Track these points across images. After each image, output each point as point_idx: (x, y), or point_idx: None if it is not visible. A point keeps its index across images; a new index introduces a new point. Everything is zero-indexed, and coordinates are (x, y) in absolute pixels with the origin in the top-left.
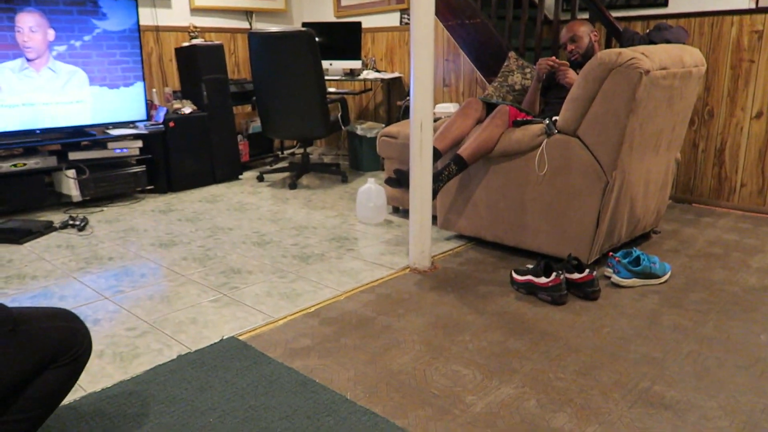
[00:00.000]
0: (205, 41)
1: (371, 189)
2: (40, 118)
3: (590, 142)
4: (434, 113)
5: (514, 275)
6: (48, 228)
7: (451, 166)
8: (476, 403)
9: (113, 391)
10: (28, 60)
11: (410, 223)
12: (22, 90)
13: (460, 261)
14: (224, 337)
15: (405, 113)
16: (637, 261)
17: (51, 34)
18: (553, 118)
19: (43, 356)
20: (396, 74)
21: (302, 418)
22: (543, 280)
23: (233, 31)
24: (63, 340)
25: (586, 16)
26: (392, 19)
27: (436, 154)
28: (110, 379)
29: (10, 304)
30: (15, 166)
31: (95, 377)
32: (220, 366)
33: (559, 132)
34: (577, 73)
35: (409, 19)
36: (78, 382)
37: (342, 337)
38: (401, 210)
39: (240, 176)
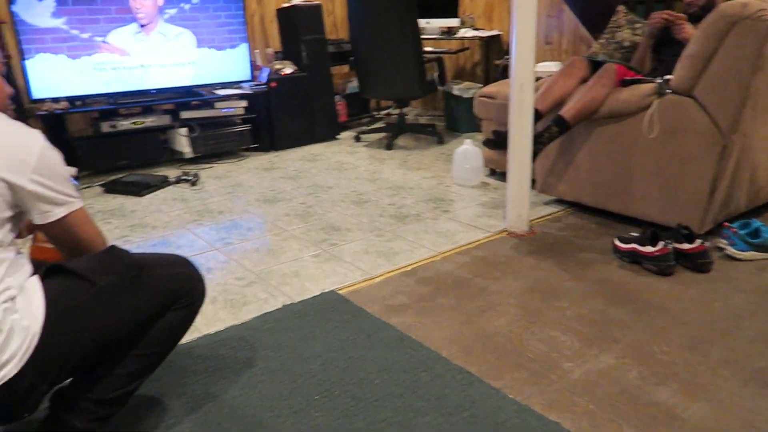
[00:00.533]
0: (305, 1)
1: (468, 150)
2: (155, 78)
3: (708, 103)
4: (535, 72)
5: (617, 243)
6: (164, 182)
7: (552, 127)
8: (573, 370)
9: (225, 335)
10: (141, 25)
11: (508, 186)
12: (138, 52)
13: (560, 226)
14: (325, 291)
15: (504, 73)
16: (756, 233)
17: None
18: (666, 77)
19: (164, 299)
20: (495, 32)
21: (399, 371)
22: (649, 249)
23: None
24: (181, 284)
25: None
26: None
27: (537, 115)
28: (222, 323)
29: (134, 251)
30: (134, 123)
31: (210, 321)
32: (321, 317)
33: (672, 92)
34: (695, 28)
35: None
36: (195, 324)
37: (438, 296)
38: (498, 172)
39: (338, 136)
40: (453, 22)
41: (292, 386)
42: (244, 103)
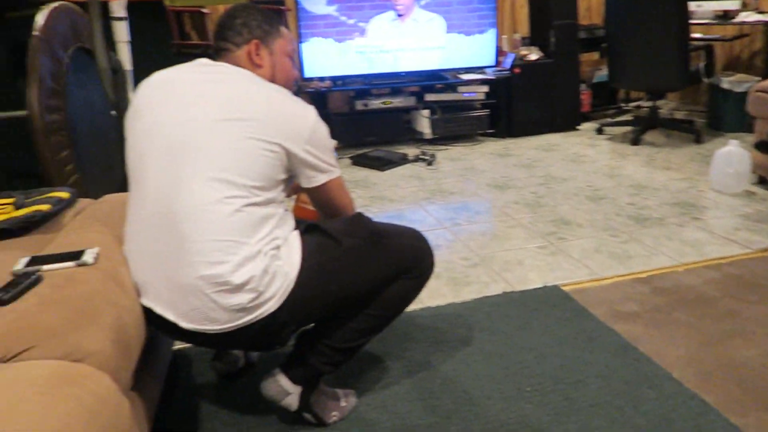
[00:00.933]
0: None
1: (732, 152)
2: (405, 62)
3: None
4: None
5: None
6: (403, 160)
7: None
8: None
9: (445, 310)
10: (398, 15)
11: None
12: (393, 37)
13: None
14: (547, 284)
15: None
16: None
17: None
18: None
19: (398, 267)
20: None
21: (619, 381)
22: None
23: None
24: (414, 256)
25: None
26: None
27: None
28: (444, 298)
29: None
30: (384, 103)
31: (432, 294)
32: (541, 310)
33: None
34: None
35: None
36: (419, 295)
37: (675, 310)
38: None
39: (578, 127)
40: (732, 4)
41: (505, 372)
42: (485, 89)
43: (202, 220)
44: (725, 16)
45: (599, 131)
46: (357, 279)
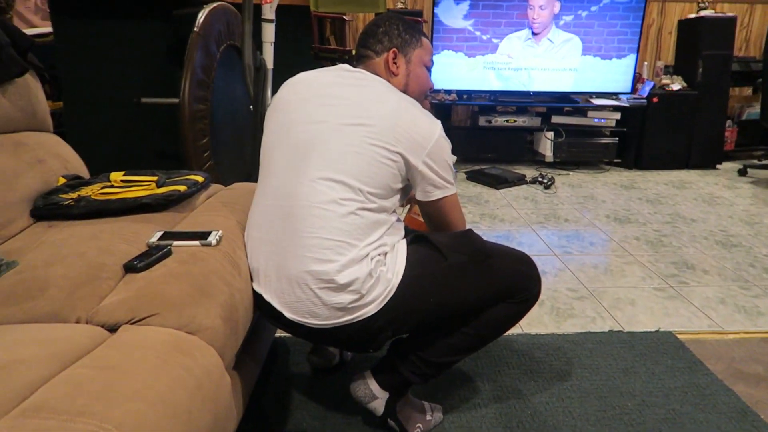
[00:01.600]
0: (715, 13)
1: None
2: (534, 81)
3: None
4: None
5: None
6: (520, 180)
7: None
8: None
9: (544, 340)
10: (534, 33)
11: None
12: (525, 56)
13: None
14: (660, 329)
15: None
16: None
17: (557, 6)
18: None
19: (502, 289)
20: None
21: None
22: None
23: (752, 1)
24: (520, 281)
25: None
26: None
27: None
28: (545, 327)
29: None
30: (507, 121)
31: (533, 322)
32: (649, 356)
33: None
34: None
35: None
36: (520, 321)
37: None
38: None
39: (718, 165)
40: None
41: (601, 415)
42: (617, 116)
43: (317, 217)
44: None
45: (742, 172)
46: (457, 296)
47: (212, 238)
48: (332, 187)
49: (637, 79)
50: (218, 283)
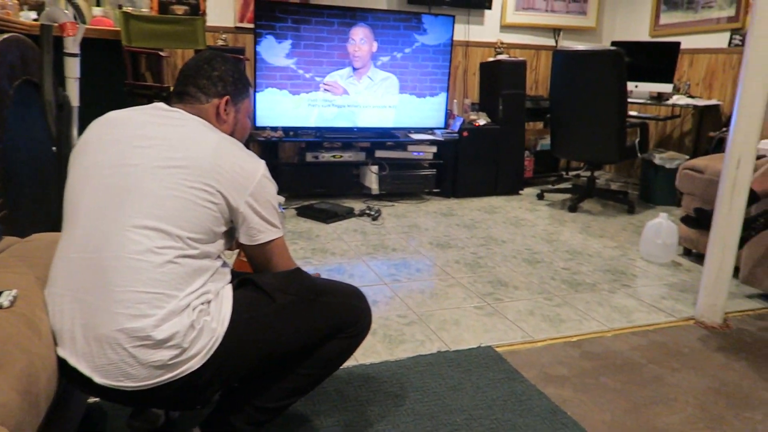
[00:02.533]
0: (510, 57)
1: (662, 225)
2: (358, 118)
3: None
4: (758, 150)
5: None
6: (349, 213)
7: None
8: None
9: (379, 368)
10: (354, 68)
11: (704, 270)
12: (348, 94)
13: (762, 325)
14: (482, 345)
15: (717, 146)
16: None
17: (375, 46)
18: None
19: (333, 326)
20: (713, 101)
21: None
22: None
23: (538, 48)
24: (351, 316)
25: None
26: (719, 40)
27: (752, 197)
28: (378, 356)
29: (312, 273)
30: (334, 157)
31: (366, 352)
32: (474, 371)
33: None
34: None
35: (741, 40)
36: (354, 353)
37: (602, 375)
38: (694, 253)
39: (520, 191)
40: (665, 87)
41: None
42: (433, 149)
43: (130, 269)
44: (659, 98)
45: (540, 197)
46: (288, 337)
47: (4, 299)
48: (147, 236)
49: (449, 115)
50: (13, 350)
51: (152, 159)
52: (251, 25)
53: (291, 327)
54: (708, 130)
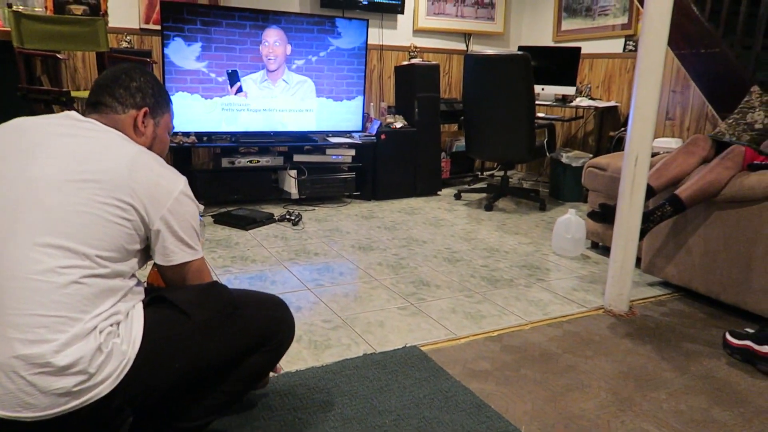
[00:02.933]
0: (423, 61)
1: (571, 220)
2: (274, 122)
3: None
4: (652, 147)
5: (729, 338)
6: (269, 219)
7: (665, 206)
8: None
9: (305, 375)
10: (269, 71)
11: (610, 262)
12: (262, 97)
13: (664, 311)
14: (407, 345)
15: (617, 145)
16: None
17: (289, 48)
18: None
19: (254, 340)
20: (612, 103)
21: None
22: (766, 348)
23: (450, 52)
24: (273, 328)
25: None
26: (615, 46)
27: (650, 192)
28: (304, 363)
29: (232, 282)
30: (251, 162)
31: (292, 359)
32: (400, 372)
33: None
34: None
35: (634, 46)
36: (279, 363)
37: (522, 367)
38: (601, 246)
39: (439, 192)
40: (569, 90)
41: None
42: (352, 152)
43: (29, 290)
44: (564, 100)
45: (457, 197)
46: (207, 355)
47: None
48: (50, 254)
49: (366, 118)
50: None
51: (59, 172)
52: (158, 27)
53: (210, 345)
54: (608, 129)
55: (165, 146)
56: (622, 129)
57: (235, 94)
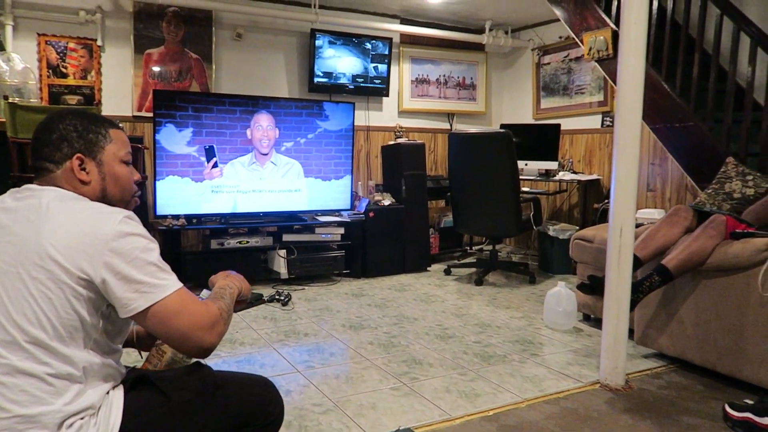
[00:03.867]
0: (409, 140)
1: (561, 293)
2: (262, 203)
3: None
4: (636, 219)
5: (729, 410)
6: (258, 300)
7: (653, 276)
8: None
9: None
10: (259, 154)
11: (603, 335)
12: (251, 179)
13: (661, 383)
14: (401, 428)
15: (602, 217)
16: None
17: (277, 132)
18: None
19: (237, 419)
20: (594, 176)
21: None
22: (766, 420)
23: (434, 131)
24: (257, 407)
25: None
26: (593, 122)
27: (637, 263)
28: None
29: (220, 365)
30: (240, 242)
31: None
32: None
33: None
34: None
35: (611, 122)
36: None
37: None
38: (593, 318)
39: (428, 268)
40: (551, 164)
41: None
42: (341, 230)
43: None
44: (547, 174)
45: (447, 272)
46: None
47: None
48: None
49: (354, 197)
50: None
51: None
52: (150, 114)
53: (189, 426)
54: (593, 201)
55: (124, 179)
56: (606, 201)
57: (211, 169)
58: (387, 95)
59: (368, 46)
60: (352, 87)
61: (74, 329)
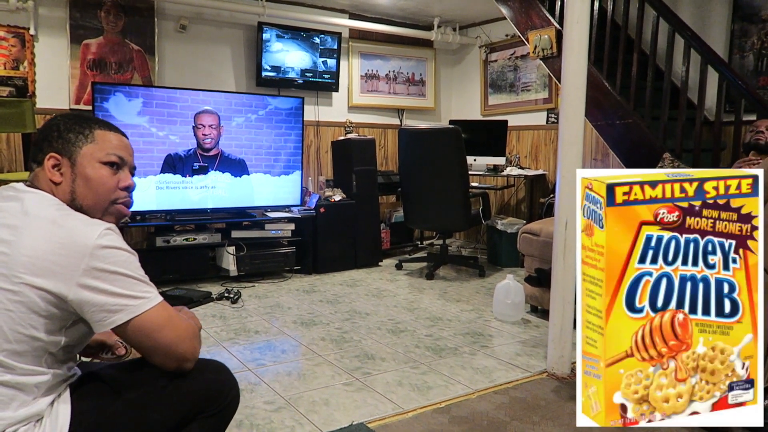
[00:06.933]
0: (359, 135)
1: (510, 285)
2: (211, 199)
3: None
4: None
5: None
6: (206, 298)
7: None
8: None
9: None
10: (205, 149)
11: (550, 325)
12: (198, 175)
13: None
14: (354, 423)
15: (548, 210)
16: None
17: (222, 129)
18: None
19: (192, 408)
20: (540, 171)
21: None
22: None
23: (384, 126)
24: (211, 392)
25: (753, 117)
26: (539, 118)
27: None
28: None
29: None
30: (187, 240)
31: None
32: None
33: None
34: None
35: (556, 119)
36: None
37: None
38: (540, 309)
39: (380, 263)
40: (499, 160)
41: None
42: (291, 226)
43: None
44: (495, 170)
45: (398, 267)
46: (144, 430)
47: None
48: None
49: (304, 192)
50: None
51: None
52: (89, 107)
53: (142, 419)
54: (539, 196)
55: (96, 184)
56: (551, 195)
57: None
58: (337, 90)
59: (317, 40)
60: (301, 81)
61: (30, 344)
